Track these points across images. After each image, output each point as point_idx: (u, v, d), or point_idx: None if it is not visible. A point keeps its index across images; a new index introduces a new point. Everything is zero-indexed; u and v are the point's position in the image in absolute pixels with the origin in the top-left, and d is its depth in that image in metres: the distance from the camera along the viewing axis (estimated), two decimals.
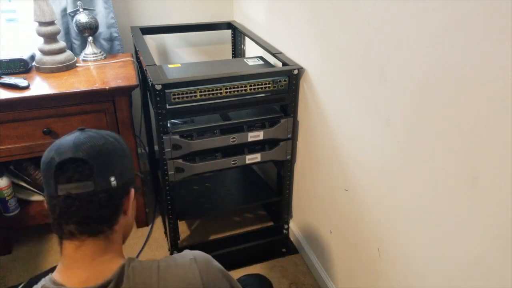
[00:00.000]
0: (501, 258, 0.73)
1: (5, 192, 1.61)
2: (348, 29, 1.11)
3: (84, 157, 0.67)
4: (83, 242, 0.68)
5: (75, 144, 0.68)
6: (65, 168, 0.66)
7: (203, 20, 2.07)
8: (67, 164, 0.66)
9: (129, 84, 1.51)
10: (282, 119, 1.49)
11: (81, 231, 0.68)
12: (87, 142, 0.69)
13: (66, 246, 0.69)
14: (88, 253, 0.69)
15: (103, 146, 0.70)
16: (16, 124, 1.45)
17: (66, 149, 0.68)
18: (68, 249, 0.69)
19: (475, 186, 0.77)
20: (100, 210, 0.68)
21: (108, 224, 0.70)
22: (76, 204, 0.66)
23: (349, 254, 1.33)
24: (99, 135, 0.72)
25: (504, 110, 0.68)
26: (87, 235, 0.68)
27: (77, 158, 0.66)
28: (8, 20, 1.84)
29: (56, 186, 0.66)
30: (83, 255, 0.68)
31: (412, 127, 0.92)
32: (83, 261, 0.68)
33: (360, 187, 1.19)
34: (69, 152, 0.67)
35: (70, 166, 0.66)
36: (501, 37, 0.66)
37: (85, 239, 0.68)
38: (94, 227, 0.69)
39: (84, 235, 0.68)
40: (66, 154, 0.67)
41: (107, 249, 0.71)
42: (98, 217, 0.69)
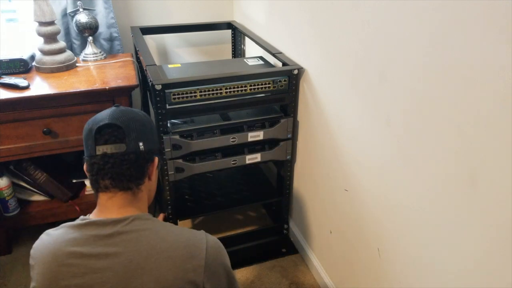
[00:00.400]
0: (501, 258, 0.73)
1: (5, 192, 1.61)
2: (348, 29, 1.11)
3: (119, 123, 0.82)
4: (115, 194, 0.83)
5: (111, 114, 0.84)
6: (103, 132, 0.82)
7: (203, 20, 2.07)
8: (105, 128, 0.82)
9: (129, 84, 1.51)
10: (282, 119, 1.49)
11: (114, 185, 0.83)
12: (121, 113, 0.84)
13: (101, 197, 0.84)
14: (117, 203, 0.84)
15: (134, 117, 0.86)
16: (16, 124, 1.45)
17: (104, 117, 0.83)
18: (102, 199, 0.84)
19: (475, 186, 0.77)
20: (130, 169, 0.83)
21: (135, 183, 0.85)
22: (111, 161, 0.81)
23: (349, 254, 1.33)
24: (131, 110, 0.88)
25: (504, 110, 0.68)
26: (118, 189, 0.83)
27: (113, 124, 0.82)
28: (8, 20, 1.84)
29: (95, 146, 0.81)
30: (113, 204, 0.84)
31: (412, 127, 0.92)
32: (112, 208, 0.83)
33: (360, 187, 1.19)
34: (106, 120, 0.82)
35: (107, 131, 0.82)
36: (501, 37, 0.66)
37: (116, 192, 0.83)
38: (124, 183, 0.83)
39: (116, 188, 0.83)
40: (104, 121, 0.82)
41: (133, 203, 0.85)
42: (128, 175, 0.83)
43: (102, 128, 0.81)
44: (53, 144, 1.52)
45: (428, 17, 0.82)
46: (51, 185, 1.70)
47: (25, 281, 1.59)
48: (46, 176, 1.69)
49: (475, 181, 0.76)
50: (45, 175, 1.69)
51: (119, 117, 0.83)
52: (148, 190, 0.91)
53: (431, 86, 0.84)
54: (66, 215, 1.73)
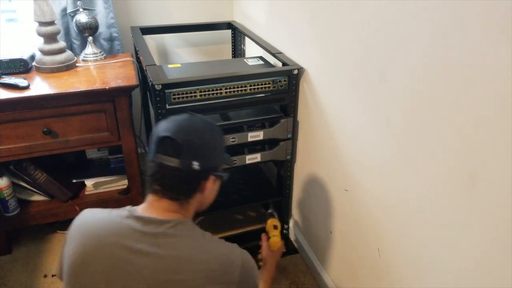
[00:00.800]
0: (501, 258, 0.73)
1: (5, 192, 1.61)
2: (348, 29, 1.11)
3: (179, 140, 0.84)
4: (162, 198, 0.86)
5: (178, 126, 0.87)
6: (164, 142, 0.85)
7: (203, 20, 2.07)
8: (166, 139, 0.84)
9: (129, 84, 1.51)
10: (282, 119, 1.49)
11: (162, 193, 0.85)
12: (187, 130, 0.87)
13: (149, 197, 0.88)
14: (163, 207, 0.86)
15: (198, 136, 0.87)
16: (16, 124, 1.45)
17: (171, 128, 0.86)
18: (151, 199, 0.87)
19: (475, 186, 0.77)
20: (179, 184, 0.85)
21: (183, 196, 0.87)
22: (162, 172, 0.84)
23: (349, 254, 1.33)
24: (202, 126, 0.90)
25: (504, 110, 0.68)
26: (166, 197, 0.86)
27: (173, 138, 0.84)
28: (8, 20, 1.84)
29: (154, 153, 0.85)
30: (159, 206, 0.86)
31: (412, 127, 0.92)
32: (158, 209, 0.86)
33: (360, 187, 1.19)
34: (170, 132, 0.85)
35: (167, 142, 0.84)
36: (501, 37, 0.66)
37: (163, 198, 0.86)
38: (171, 195, 0.86)
39: (164, 196, 0.86)
40: (168, 132, 0.85)
41: (178, 210, 0.87)
42: (176, 188, 0.86)
43: (163, 139, 0.85)
44: (53, 144, 1.52)
45: (428, 17, 0.82)
46: (51, 185, 1.70)
47: (25, 281, 1.59)
48: (46, 176, 1.69)
49: (475, 181, 0.76)
50: (45, 175, 1.69)
51: (182, 132, 0.86)
52: (198, 202, 0.92)
53: (431, 86, 0.84)
54: (66, 215, 1.73)
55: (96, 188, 1.80)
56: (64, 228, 1.83)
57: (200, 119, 0.92)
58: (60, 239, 1.80)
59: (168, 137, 0.84)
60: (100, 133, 1.57)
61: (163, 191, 0.85)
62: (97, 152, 1.89)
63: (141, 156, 1.91)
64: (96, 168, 1.87)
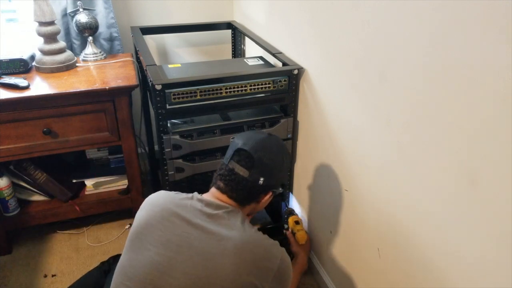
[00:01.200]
0: (501, 258, 0.73)
1: (5, 192, 1.61)
2: (348, 29, 1.11)
3: (255, 157, 0.99)
4: (224, 193, 1.01)
5: (257, 144, 1.01)
6: (241, 153, 1.00)
7: (203, 20, 2.07)
8: (244, 152, 1.00)
9: (129, 84, 1.51)
10: (282, 119, 1.49)
11: (225, 191, 1.00)
12: (263, 147, 1.01)
13: (213, 189, 1.03)
14: (222, 199, 1.00)
15: (271, 156, 1.01)
16: (16, 124, 1.45)
17: (251, 143, 1.00)
18: (213, 191, 1.02)
19: (475, 186, 0.77)
20: (243, 192, 1.00)
21: (241, 201, 1.01)
22: (232, 176, 0.99)
23: (349, 254, 1.33)
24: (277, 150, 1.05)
25: (504, 110, 0.68)
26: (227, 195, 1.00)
27: (251, 154, 0.99)
28: (8, 20, 1.84)
29: (230, 159, 1.01)
30: (219, 197, 1.01)
31: (412, 127, 0.92)
32: (217, 199, 1.00)
33: (360, 187, 1.19)
34: (248, 146, 1.00)
35: (243, 153, 1.00)
36: (501, 37, 0.66)
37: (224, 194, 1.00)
38: (232, 195, 1.00)
39: (226, 194, 1.00)
40: (247, 146, 1.00)
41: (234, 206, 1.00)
42: (238, 194, 1.00)
43: (241, 150, 1.00)
44: (53, 144, 1.52)
45: (428, 17, 0.82)
46: (51, 185, 1.70)
47: (25, 281, 1.59)
48: (46, 176, 1.69)
49: (475, 181, 0.76)
50: (45, 175, 1.69)
51: (259, 150, 1.00)
52: (252, 208, 1.05)
53: (431, 86, 0.84)
54: (66, 215, 1.73)
55: (96, 188, 1.80)
56: (64, 228, 1.83)
57: (276, 141, 1.06)
58: (60, 239, 1.80)
59: (246, 150, 0.99)
60: (100, 133, 1.57)
61: (226, 189, 0.99)
62: (97, 152, 1.89)
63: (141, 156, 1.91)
64: (96, 168, 1.87)
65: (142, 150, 2.11)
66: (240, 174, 0.98)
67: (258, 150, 0.99)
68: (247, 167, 0.98)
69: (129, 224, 1.87)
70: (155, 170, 2.04)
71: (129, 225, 1.87)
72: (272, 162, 1.01)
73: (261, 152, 1.00)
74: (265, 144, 1.02)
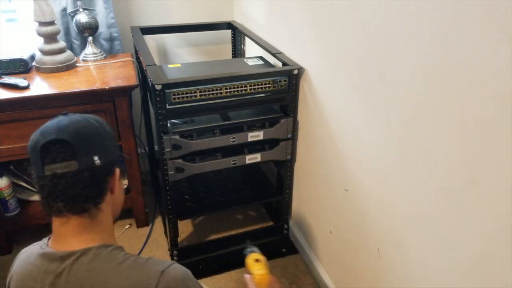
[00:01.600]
0: (501, 258, 0.73)
1: (5, 192, 1.61)
2: (348, 29, 1.11)
3: (67, 138, 0.71)
4: (69, 219, 0.73)
5: (58, 126, 0.73)
6: (50, 149, 0.70)
7: (203, 20, 2.07)
8: (52, 145, 0.70)
9: (129, 84, 1.51)
10: (282, 119, 1.49)
11: (67, 209, 0.72)
12: (70, 125, 0.73)
13: (54, 221, 0.75)
14: (71, 231, 0.74)
15: (85, 127, 0.75)
16: (16, 124, 1.45)
17: (50, 131, 0.72)
18: (55, 225, 0.75)
19: (475, 186, 0.77)
20: (86, 188, 0.73)
21: (93, 202, 0.75)
22: (62, 183, 0.71)
23: (349, 254, 1.33)
24: (82, 118, 0.76)
25: (504, 110, 0.68)
26: (72, 213, 0.73)
27: (60, 139, 0.70)
28: (8, 20, 1.84)
29: (42, 166, 0.70)
30: (66, 232, 0.74)
31: (412, 127, 0.92)
32: (65, 236, 0.74)
33: (360, 187, 1.19)
34: (53, 134, 0.71)
35: (54, 147, 0.70)
36: (501, 37, 0.66)
37: (70, 217, 0.73)
38: (80, 206, 0.73)
39: (69, 212, 0.73)
40: (50, 136, 0.71)
41: (91, 227, 0.75)
42: (83, 195, 0.73)
43: (49, 145, 0.70)
44: None
45: (428, 17, 0.82)
46: None
47: None
48: None
49: (475, 181, 0.76)
50: None
51: (67, 129, 0.72)
52: (112, 205, 0.80)
53: (431, 86, 0.84)
54: None
55: None
56: None
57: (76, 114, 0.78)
58: None
59: (53, 140, 0.70)
60: None
61: (68, 207, 0.72)
62: None
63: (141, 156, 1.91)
64: None
65: (142, 150, 2.11)
66: (68, 171, 0.70)
67: (65, 130, 0.72)
68: (70, 157, 0.70)
69: (129, 224, 1.87)
70: (155, 170, 2.04)
71: (129, 225, 1.87)
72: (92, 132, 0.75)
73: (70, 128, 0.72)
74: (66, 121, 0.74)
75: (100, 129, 0.78)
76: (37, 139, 0.72)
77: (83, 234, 0.74)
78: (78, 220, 0.74)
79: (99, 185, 0.75)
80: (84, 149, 0.72)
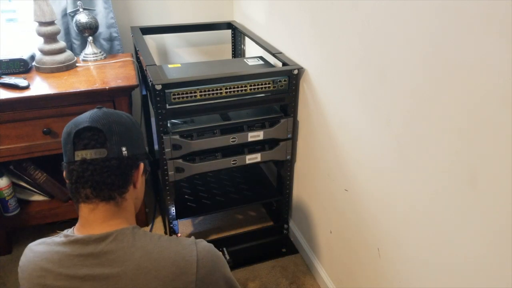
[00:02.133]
0: (501, 258, 0.73)
1: (5, 192, 1.61)
2: (348, 29, 1.11)
3: (99, 126, 0.75)
4: (97, 205, 0.77)
5: (91, 116, 0.77)
6: (82, 136, 0.75)
7: (203, 20, 2.07)
8: (84, 132, 0.75)
9: (129, 84, 1.51)
10: (282, 119, 1.49)
11: (95, 195, 0.76)
12: (102, 116, 0.78)
13: (82, 208, 0.78)
14: (100, 216, 0.77)
15: (116, 120, 0.79)
16: (16, 124, 1.45)
17: (84, 120, 0.76)
18: (84, 212, 0.78)
19: (475, 186, 0.77)
20: (112, 177, 0.76)
21: (118, 191, 0.78)
22: (90, 168, 0.75)
23: (349, 254, 1.33)
24: (114, 112, 0.82)
25: (504, 110, 0.68)
26: (99, 199, 0.77)
27: (93, 127, 0.75)
28: (8, 20, 1.84)
29: (73, 152, 0.75)
30: (95, 217, 0.77)
31: (412, 127, 0.92)
32: (95, 222, 0.77)
33: (360, 187, 1.19)
34: (86, 122, 0.76)
35: (86, 135, 0.75)
36: (501, 37, 0.66)
37: (98, 203, 0.77)
38: (105, 192, 0.76)
39: (97, 198, 0.76)
40: (83, 124, 0.75)
41: (118, 214, 0.79)
42: (110, 183, 0.76)
43: (82, 132, 0.75)
44: (53, 144, 1.52)
45: (428, 17, 0.82)
46: (51, 185, 1.70)
47: None
48: (46, 176, 1.69)
49: (475, 181, 0.76)
50: (45, 175, 1.69)
51: (100, 119, 0.77)
52: (134, 198, 0.84)
53: (431, 86, 0.84)
54: (66, 215, 1.73)
55: None
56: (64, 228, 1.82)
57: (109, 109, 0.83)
58: None
59: (87, 127, 0.75)
60: None
61: (95, 192, 0.76)
62: None
63: None
64: None
65: None
66: (97, 158, 0.74)
67: (99, 119, 0.77)
68: (100, 145, 0.75)
69: None
70: (155, 170, 2.04)
71: None
72: (123, 125, 0.79)
73: (104, 119, 0.77)
74: (100, 113, 0.79)
75: (130, 124, 0.82)
76: (71, 127, 0.77)
77: (112, 219, 0.78)
78: (106, 206, 0.77)
79: (124, 175, 0.79)
80: (114, 138, 0.76)
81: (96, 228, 0.76)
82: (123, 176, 0.78)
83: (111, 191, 0.77)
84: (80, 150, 0.75)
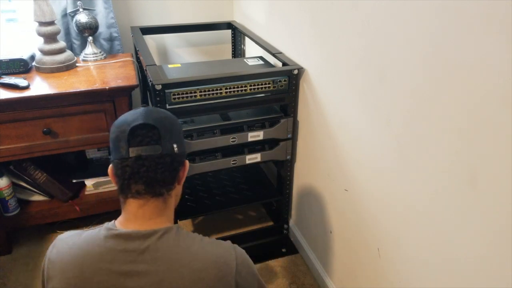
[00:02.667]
0: (501, 258, 0.73)
1: (5, 192, 1.61)
2: (348, 29, 1.11)
3: (153, 123, 0.76)
4: (147, 201, 0.77)
5: (145, 113, 0.78)
6: (136, 133, 0.75)
7: (203, 20, 2.07)
8: (139, 129, 0.75)
9: (129, 84, 1.51)
10: (282, 119, 1.49)
11: (147, 191, 0.76)
12: (154, 113, 0.79)
13: (131, 203, 0.77)
14: (148, 212, 0.77)
15: (166, 117, 0.81)
16: (16, 124, 1.45)
17: (137, 117, 0.77)
18: (132, 207, 0.77)
19: (475, 186, 0.77)
20: (165, 173, 0.77)
21: (167, 188, 0.79)
22: (146, 164, 0.75)
23: (349, 254, 1.33)
24: (161, 110, 0.84)
25: (504, 110, 0.68)
26: (150, 195, 0.77)
27: (147, 124, 0.76)
28: (8, 20, 1.84)
29: (128, 148, 0.75)
30: (144, 213, 0.77)
31: (412, 127, 0.92)
32: (142, 218, 0.77)
33: (360, 187, 1.19)
34: (140, 119, 0.76)
35: (141, 131, 0.75)
36: (501, 37, 0.66)
37: (148, 199, 0.77)
38: (157, 189, 0.77)
39: (148, 194, 0.76)
40: (138, 121, 0.76)
41: (163, 211, 0.80)
42: (161, 179, 0.77)
43: (136, 129, 0.75)
44: (53, 144, 1.52)
45: (428, 17, 0.82)
46: (51, 185, 1.70)
47: (25, 281, 1.59)
48: (46, 176, 1.69)
49: (475, 181, 0.76)
50: (45, 175, 1.69)
51: (153, 116, 0.78)
52: (176, 195, 0.85)
53: (431, 86, 0.84)
54: (66, 215, 1.73)
55: (96, 188, 1.80)
56: (64, 228, 1.83)
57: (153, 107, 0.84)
58: None
59: (141, 124, 0.75)
60: (100, 133, 1.57)
61: (147, 188, 0.76)
62: (97, 152, 1.89)
63: None
64: (96, 168, 1.87)
65: None
66: (152, 154, 0.75)
67: (152, 117, 0.78)
68: (155, 141, 0.75)
69: None
70: None
71: None
72: (171, 122, 0.81)
73: (155, 117, 0.78)
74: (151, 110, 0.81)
75: (176, 121, 0.84)
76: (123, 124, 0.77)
77: (158, 216, 0.78)
78: (155, 203, 0.78)
79: (174, 172, 0.79)
80: (167, 135, 0.77)
81: (143, 224, 0.76)
82: (173, 172, 0.79)
83: (162, 187, 0.78)
84: (136, 146, 0.75)
